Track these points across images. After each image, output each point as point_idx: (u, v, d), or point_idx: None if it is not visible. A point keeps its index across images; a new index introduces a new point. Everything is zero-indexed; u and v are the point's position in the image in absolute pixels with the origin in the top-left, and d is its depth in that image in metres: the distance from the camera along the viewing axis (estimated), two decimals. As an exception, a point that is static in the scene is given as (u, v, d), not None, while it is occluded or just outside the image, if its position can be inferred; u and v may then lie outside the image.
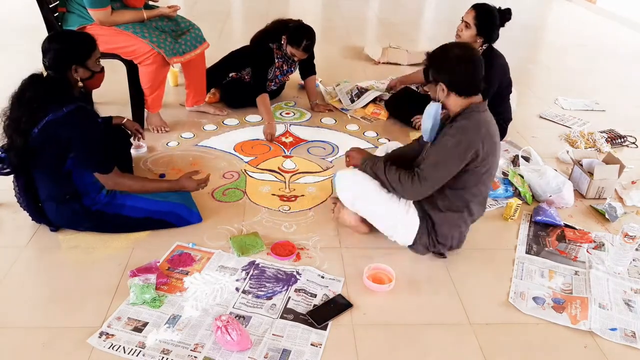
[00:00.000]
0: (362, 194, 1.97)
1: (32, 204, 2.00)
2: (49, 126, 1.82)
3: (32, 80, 1.86)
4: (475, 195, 1.91)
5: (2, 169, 1.95)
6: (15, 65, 3.86)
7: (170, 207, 2.10)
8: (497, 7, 2.66)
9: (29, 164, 1.90)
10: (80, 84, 1.94)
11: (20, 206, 2.07)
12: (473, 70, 1.80)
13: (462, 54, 1.81)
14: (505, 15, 2.65)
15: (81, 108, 1.85)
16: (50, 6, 2.73)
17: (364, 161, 2.01)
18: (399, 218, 1.94)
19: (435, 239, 1.95)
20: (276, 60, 3.12)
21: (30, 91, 1.83)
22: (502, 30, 2.68)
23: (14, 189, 2.04)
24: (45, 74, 1.88)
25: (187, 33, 2.90)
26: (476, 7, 2.66)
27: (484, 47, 2.68)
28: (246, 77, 3.25)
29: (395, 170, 1.89)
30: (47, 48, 1.87)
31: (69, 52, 1.89)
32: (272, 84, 3.27)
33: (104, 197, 2.02)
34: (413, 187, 1.85)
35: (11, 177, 2.43)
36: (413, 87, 3.33)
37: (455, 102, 1.83)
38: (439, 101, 1.86)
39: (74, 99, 1.87)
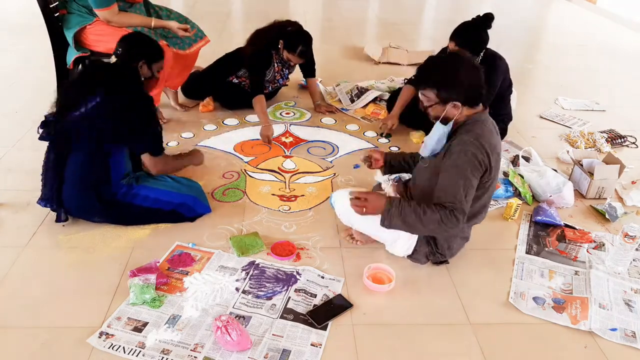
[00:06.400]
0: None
1: (56, 185, 2.01)
2: (107, 104, 1.94)
3: (98, 63, 2.08)
4: (478, 208, 1.86)
5: (43, 133, 2.00)
6: (15, 66, 3.86)
7: (182, 199, 2.13)
8: (475, 16, 2.60)
9: (70, 139, 1.96)
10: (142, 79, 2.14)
11: (43, 185, 2.07)
12: (480, 78, 1.75)
13: (468, 66, 1.75)
14: (486, 21, 2.56)
15: (147, 94, 2.07)
16: (51, 6, 2.73)
17: (387, 208, 1.76)
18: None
19: (435, 248, 1.93)
20: (276, 65, 3.13)
21: (95, 70, 2.02)
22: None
23: (42, 166, 2.06)
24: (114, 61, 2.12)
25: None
26: (456, 40, 2.58)
27: (480, 56, 2.68)
28: (248, 86, 3.19)
29: (429, 210, 1.72)
30: (127, 40, 2.16)
31: (144, 48, 2.16)
32: (274, 85, 3.27)
33: (123, 187, 2.05)
34: (457, 223, 1.71)
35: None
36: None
37: (463, 115, 1.77)
38: (444, 120, 1.77)
39: (140, 84, 2.09)
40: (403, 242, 1.93)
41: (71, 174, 2.00)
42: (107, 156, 1.99)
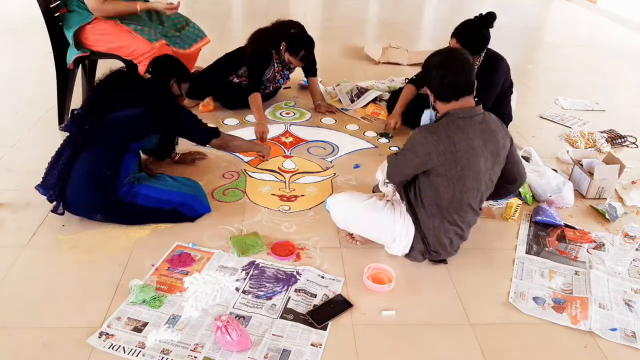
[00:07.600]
0: (352, 215, 1.99)
1: (63, 177, 2.01)
2: (149, 114, 2.12)
3: (135, 73, 2.32)
4: (452, 202, 1.84)
5: (70, 124, 2.14)
6: (15, 66, 3.86)
7: (182, 198, 2.14)
8: (477, 15, 2.60)
9: (95, 135, 2.05)
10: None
11: (48, 173, 2.07)
12: (450, 76, 1.78)
13: (439, 61, 1.82)
14: (488, 20, 2.56)
15: (183, 108, 2.35)
16: (51, 6, 2.73)
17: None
18: (397, 229, 1.92)
19: (427, 246, 1.93)
20: (276, 65, 3.13)
21: (135, 82, 2.22)
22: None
23: (53, 156, 2.08)
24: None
25: (186, 27, 2.99)
26: (458, 38, 2.59)
27: (482, 56, 2.67)
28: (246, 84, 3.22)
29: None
30: (159, 61, 2.39)
31: (174, 69, 2.34)
32: (275, 85, 3.28)
33: (125, 186, 2.06)
34: (388, 168, 1.96)
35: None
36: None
37: (440, 107, 1.86)
38: (433, 107, 1.91)
39: (175, 99, 2.33)
40: (399, 241, 1.94)
41: (80, 170, 2.01)
42: (124, 151, 2.09)
